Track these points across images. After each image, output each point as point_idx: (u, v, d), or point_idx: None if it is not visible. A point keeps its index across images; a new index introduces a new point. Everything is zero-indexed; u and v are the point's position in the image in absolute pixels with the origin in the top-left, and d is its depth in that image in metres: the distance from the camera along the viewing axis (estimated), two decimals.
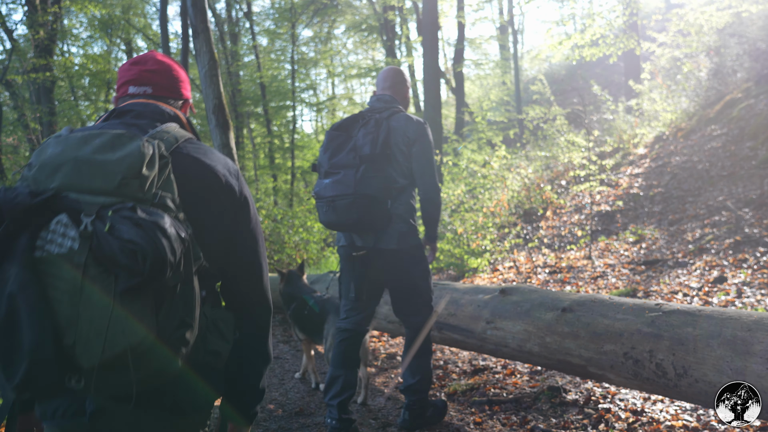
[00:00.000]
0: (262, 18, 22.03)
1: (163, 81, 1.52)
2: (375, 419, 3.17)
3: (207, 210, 1.34)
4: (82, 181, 1.19)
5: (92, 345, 1.10)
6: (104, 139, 1.23)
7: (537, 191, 9.96)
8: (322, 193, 2.82)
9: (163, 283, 1.16)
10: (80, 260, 1.12)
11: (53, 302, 1.11)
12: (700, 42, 11.37)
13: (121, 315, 1.11)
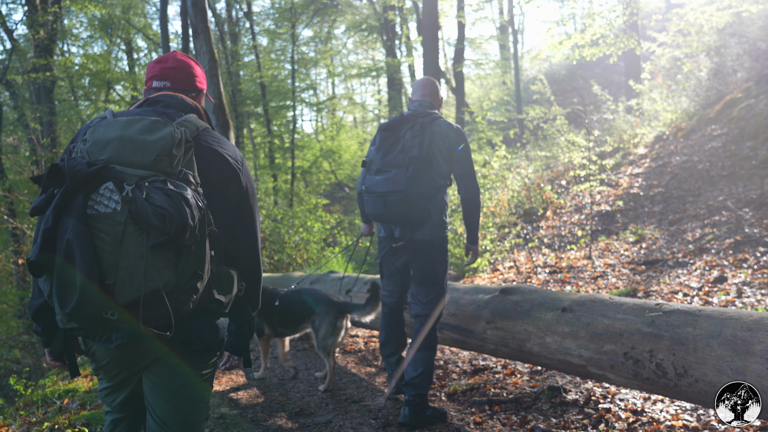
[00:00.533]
0: (262, 18, 22.02)
1: (180, 76, 1.88)
2: (375, 419, 3.17)
3: (218, 187, 1.72)
4: (125, 155, 1.55)
5: (126, 286, 1.45)
6: (144, 123, 1.60)
7: (537, 191, 9.95)
8: (374, 189, 3.14)
9: (183, 242, 1.51)
10: (121, 219, 1.46)
11: (98, 250, 1.45)
12: (701, 42, 11.37)
13: (149, 264, 1.46)
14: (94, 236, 1.46)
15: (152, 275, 1.47)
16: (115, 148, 1.56)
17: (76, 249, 1.44)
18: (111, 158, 1.55)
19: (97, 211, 1.47)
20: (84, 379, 4.01)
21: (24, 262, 9.28)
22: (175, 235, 1.48)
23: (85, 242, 1.44)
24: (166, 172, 1.57)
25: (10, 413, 3.51)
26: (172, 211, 1.47)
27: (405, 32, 21.88)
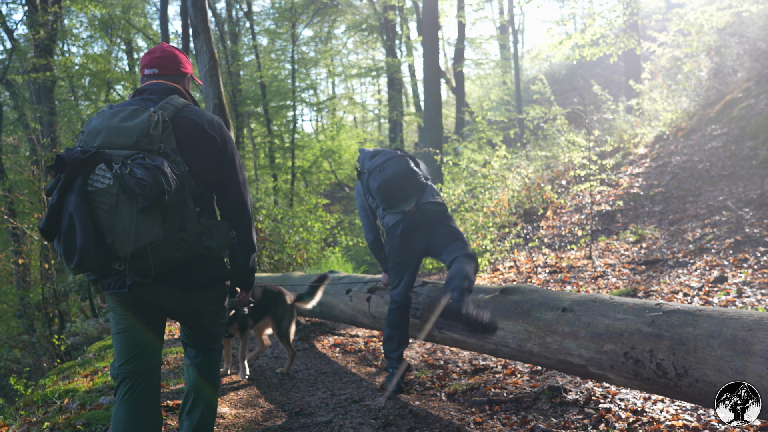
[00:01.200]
0: (262, 18, 22.02)
1: (165, 63, 2.27)
2: (375, 419, 3.17)
3: (197, 152, 2.11)
4: (112, 140, 1.97)
5: (124, 242, 1.88)
6: (126, 112, 2.02)
7: (537, 191, 9.95)
8: None
9: (165, 203, 1.92)
10: (114, 191, 1.88)
11: (99, 218, 1.88)
12: (701, 42, 11.36)
13: (140, 224, 1.88)
14: (96, 207, 1.89)
15: (142, 233, 1.89)
16: (105, 135, 2.00)
17: (75, 219, 1.85)
18: (102, 144, 1.99)
19: (96, 188, 1.89)
20: (84, 379, 4.01)
21: (24, 262, 9.29)
22: (155, 199, 1.88)
23: (83, 213, 1.86)
24: (146, 149, 1.97)
25: (10, 413, 3.51)
26: (150, 181, 1.87)
27: (405, 32, 21.89)
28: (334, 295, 4.94)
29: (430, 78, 12.03)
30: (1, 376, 6.75)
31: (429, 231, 3.65)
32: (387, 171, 3.64)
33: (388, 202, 3.68)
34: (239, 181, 2.25)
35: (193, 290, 2.14)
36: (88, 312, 9.35)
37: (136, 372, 2.15)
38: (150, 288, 2.06)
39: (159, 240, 1.93)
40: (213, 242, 2.13)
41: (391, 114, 21.94)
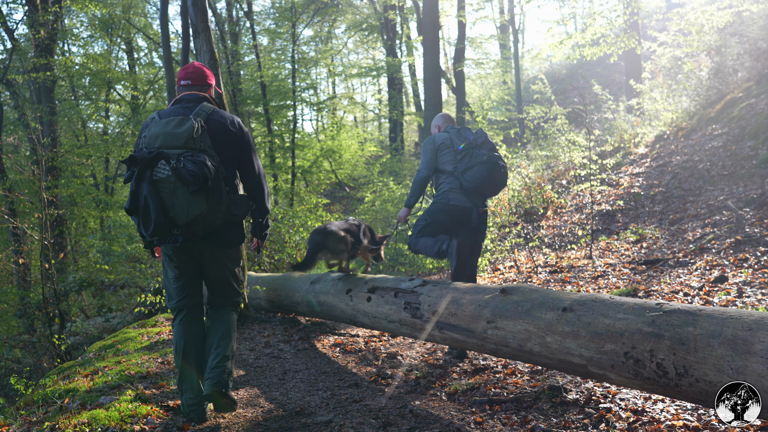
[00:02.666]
0: (262, 17, 22.02)
1: (196, 77, 3.20)
2: (375, 419, 3.17)
3: (225, 146, 3.04)
4: (168, 142, 2.85)
5: (180, 215, 2.78)
6: (175, 122, 2.91)
7: (538, 191, 9.95)
8: None
9: (207, 186, 2.81)
10: (171, 179, 2.76)
11: (162, 199, 2.76)
12: (701, 41, 11.36)
13: (191, 202, 2.78)
14: (160, 191, 2.79)
15: (193, 208, 2.82)
16: (162, 139, 2.89)
17: (150, 200, 2.77)
18: (161, 145, 2.88)
19: (159, 177, 2.79)
20: (84, 378, 4.01)
21: (24, 262, 9.28)
22: (201, 185, 2.81)
23: (154, 196, 2.77)
24: (192, 148, 2.90)
25: (10, 413, 3.51)
26: (197, 172, 2.79)
27: (405, 32, 21.89)
28: (334, 295, 4.94)
29: (431, 77, 12.03)
30: (2, 376, 6.75)
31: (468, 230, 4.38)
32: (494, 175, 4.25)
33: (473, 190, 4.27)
34: (254, 165, 3.23)
35: (222, 246, 3.15)
36: (88, 312, 9.36)
37: (188, 305, 3.19)
38: (194, 243, 3.06)
39: (204, 212, 2.88)
40: (239, 211, 3.12)
41: (391, 114, 21.94)
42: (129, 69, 21.10)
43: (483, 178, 4.19)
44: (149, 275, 8.01)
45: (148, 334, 5.49)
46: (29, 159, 12.35)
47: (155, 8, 20.34)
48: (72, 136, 18.65)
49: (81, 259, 13.16)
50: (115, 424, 2.97)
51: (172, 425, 3.08)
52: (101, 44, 21.39)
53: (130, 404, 3.24)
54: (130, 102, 20.41)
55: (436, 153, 4.47)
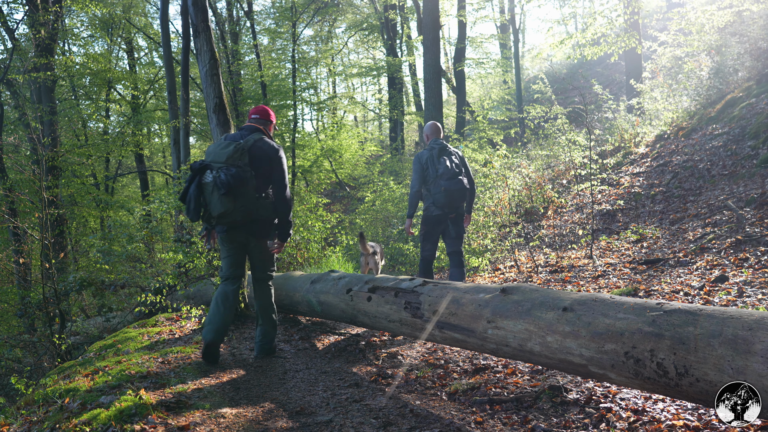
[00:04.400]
0: (262, 17, 22.03)
1: (261, 115, 4.46)
2: (376, 419, 3.17)
3: (261, 165, 4.15)
4: (215, 159, 4.09)
5: (213, 209, 4.03)
6: (223, 145, 4.15)
7: (538, 190, 9.94)
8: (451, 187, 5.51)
9: (234, 191, 3.97)
10: (211, 184, 3.98)
11: (205, 197, 4.05)
12: (702, 41, 11.35)
13: (222, 201, 3.97)
14: (204, 191, 4.01)
15: (221, 206, 3.95)
16: (212, 156, 4.11)
17: (192, 197, 4.00)
18: (211, 160, 4.09)
19: (205, 182, 3.99)
20: (85, 378, 4.01)
21: (25, 262, 9.29)
22: (227, 190, 3.90)
23: (196, 194, 4.00)
24: (231, 164, 4.02)
25: (11, 412, 3.52)
26: (229, 180, 3.91)
27: (406, 31, 21.88)
28: (334, 294, 4.95)
29: (431, 77, 12.03)
30: (2, 376, 6.76)
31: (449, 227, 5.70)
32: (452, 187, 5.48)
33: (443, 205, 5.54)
34: (283, 180, 4.25)
35: (254, 236, 4.30)
36: (88, 311, 9.36)
37: (231, 275, 4.37)
38: (234, 232, 4.26)
39: (230, 210, 4.01)
40: (263, 213, 4.22)
41: (391, 113, 21.94)
42: (129, 69, 21.10)
43: (444, 204, 5.53)
44: (149, 275, 8.01)
45: (149, 334, 5.50)
46: (30, 159, 12.35)
47: (155, 8, 20.35)
48: (72, 135, 18.66)
49: (81, 259, 13.17)
50: (116, 424, 2.97)
51: (173, 425, 3.08)
52: (101, 44, 21.41)
53: (131, 404, 3.25)
54: (130, 102, 20.41)
55: (423, 170, 5.61)
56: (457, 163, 5.59)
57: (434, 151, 5.60)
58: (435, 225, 5.66)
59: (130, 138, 18.78)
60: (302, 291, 5.43)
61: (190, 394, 3.60)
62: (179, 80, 12.99)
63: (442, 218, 5.62)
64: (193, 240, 6.73)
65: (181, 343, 5.07)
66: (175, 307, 6.64)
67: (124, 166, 23.48)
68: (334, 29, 26.84)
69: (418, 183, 5.61)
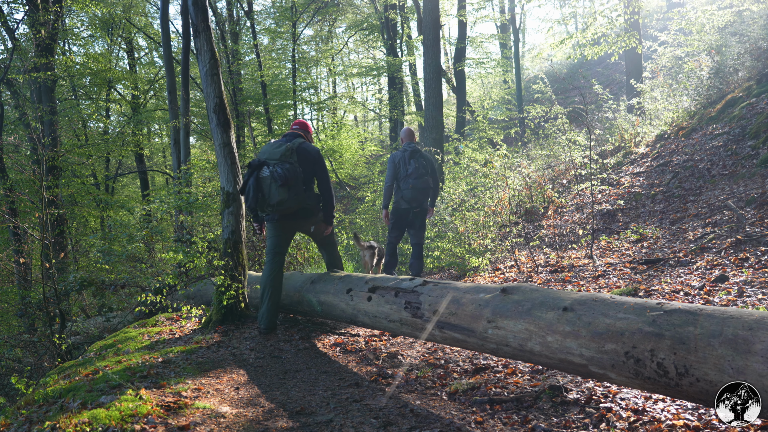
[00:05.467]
0: (263, 17, 22.02)
1: (301, 127, 5.45)
2: (376, 418, 3.17)
3: (306, 162, 5.04)
4: (270, 157, 4.95)
5: (270, 199, 4.87)
6: (276, 145, 5.03)
7: (538, 190, 9.94)
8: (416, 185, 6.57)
9: (288, 183, 4.82)
10: (269, 177, 4.85)
11: (262, 189, 4.88)
12: (702, 41, 11.35)
13: (278, 192, 4.82)
14: (262, 184, 4.85)
15: (278, 196, 4.81)
16: (267, 155, 4.96)
17: (251, 189, 4.85)
18: (266, 158, 4.94)
19: (262, 176, 4.85)
20: (85, 378, 4.01)
21: (25, 261, 9.29)
22: (283, 182, 4.77)
23: (255, 187, 4.85)
24: (283, 161, 4.87)
25: (11, 412, 3.52)
26: (284, 174, 4.79)
27: (406, 31, 21.87)
28: (334, 294, 4.95)
29: (431, 77, 12.03)
30: (3, 375, 6.76)
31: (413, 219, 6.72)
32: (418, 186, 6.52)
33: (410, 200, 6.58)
34: (326, 174, 5.15)
35: (303, 221, 5.19)
36: (88, 311, 9.35)
37: (278, 254, 5.17)
38: (285, 220, 5.10)
39: (285, 199, 4.82)
40: (309, 202, 5.09)
41: (392, 113, 21.93)
42: (129, 68, 21.09)
43: (411, 199, 6.56)
44: (149, 275, 8.01)
45: (149, 334, 5.50)
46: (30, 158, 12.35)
47: (156, 8, 20.33)
48: (72, 135, 18.65)
49: (81, 259, 13.17)
50: (116, 424, 2.98)
51: (173, 425, 3.08)
52: (102, 44, 21.39)
53: (131, 404, 3.25)
54: (130, 101, 20.41)
55: (395, 169, 6.65)
56: (424, 164, 6.56)
57: (406, 153, 6.61)
58: (402, 216, 6.69)
59: (131, 138, 18.78)
60: (302, 291, 5.44)
61: (190, 394, 3.60)
62: (179, 80, 13.00)
63: (409, 211, 6.66)
64: (193, 240, 6.74)
65: (181, 343, 5.08)
66: (175, 307, 6.64)
67: (125, 166, 23.48)
68: (334, 29, 26.84)
69: (391, 179, 6.68)
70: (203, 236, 7.37)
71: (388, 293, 4.25)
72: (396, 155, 6.66)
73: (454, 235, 8.25)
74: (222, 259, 5.52)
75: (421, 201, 6.60)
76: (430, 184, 6.58)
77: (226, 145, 5.69)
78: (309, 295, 5.31)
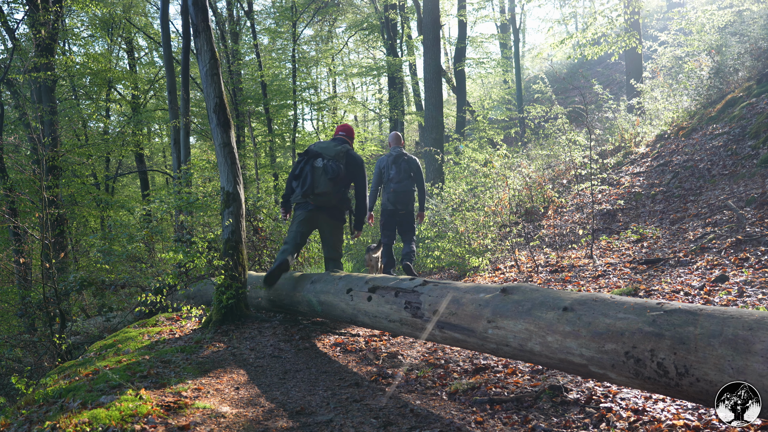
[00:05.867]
0: (263, 17, 22.01)
1: (347, 132, 5.90)
2: (376, 418, 3.17)
3: (350, 167, 5.60)
4: (325, 153, 5.53)
5: (317, 188, 5.43)
6: (333, 144, 5.66)
7: (538, 190, 9.94)
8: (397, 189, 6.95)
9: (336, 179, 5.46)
10: (321, 168, 5.43)
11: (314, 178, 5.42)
12: (702, 40, 11.35)
13: (326, 182, 5.42)
14: (315, 172, 5.41)
15: (325, 187, 5.40)
16: (323, 149, 5.54)
17: (309, 176, 5.40)
18: (320, 152, 5.52)
19: (316, 167, 5.43)
20: (85, 378, 4.01)
21: (25, 261, 9.29)
22: (333, 176, 5.38)
23: (310, 173, 5.41)
24: (336, 159, 5.47)
25: (11, 412, 3.52)
26: (334, 168, 5.40)
27: (406, 31, 21.86)
28: (335, 294, 4.95)
29: (431, 77, 12.03)
30: (3, 375, 6.76)
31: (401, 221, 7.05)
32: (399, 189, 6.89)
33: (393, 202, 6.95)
34: (364, 183, 5.67)
35: (332, 218, 5.61)
36: (88, 311, 9.36)
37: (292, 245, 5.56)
38: (317, 211, 5.52)
39: (328, 191, 5.38)
40: (343, 203, 5.59)
41: (392, 113, 21.93)
42: (129, 68, 21.09)
43: (394, 201, 6.89)
44: (150, 275, 8.01)
45: (149, 334, 5.50)
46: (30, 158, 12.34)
47: (156, 8, 20.33)
48: (72, 135, 18.65)
49: (81, 259, 13.17)
50: (116, 424, 2.98)
51: (173, 425, 3.08)
52: (102, 44, 21.39)
53: (131, 404, 3.25)
54: (130, 101, 20.41)
55: (380, 173, 7.02)
56: (406, 168, 6.90)
57: (391, 158, 6.98)
58: (389, 217, 7.06)
59: (131, 138, 18.78)
60: (303, 291, 5.44)
61: (190, 394, 3.60)
62: (179, 80, 13.00)
63: (394, 213, 7.01)
64: (193, 240, 6.74)
65: (181, 342, 5.08)
66: (175, 307, 6.64)
67: (125, 165, 23.48)
68: (334, 29, 26.83)
69: (375, 183, 7.07)
70: (203, 236, 7.37)
71: (388, 293, 4.25)
72: (382, 159, 6.99)
73: (455, 235, 8.25)
74: (222, 259, 5.52)
75: (404, 203, 6.90)
76: (412, 187, 6.86)
77: (227, 145, 5.69)
78: (309, 295, 5.31)
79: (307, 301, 5.34)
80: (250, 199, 8.87)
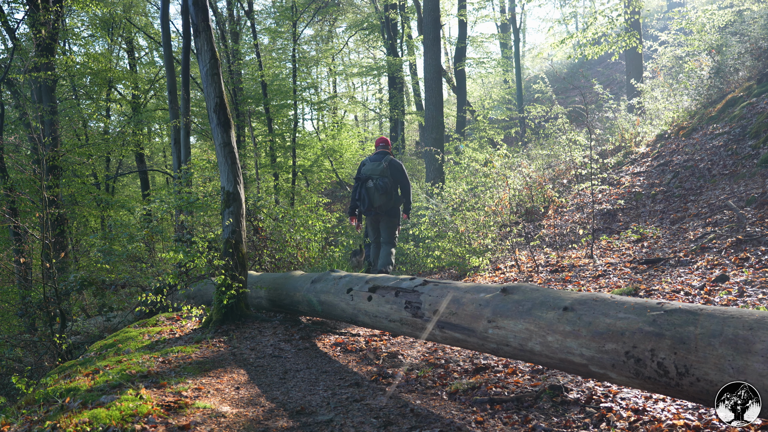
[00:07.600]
0: (263, 16, 22.01)
1: (384, 145, 7.26)
2: (376, 418, 3.17)
3: (393, 173, 7.02)
4: (372, 173, 6.96)
5: (374, 203, 6.94)
6: (376, 164, 7.01)
7: (539, 190, 9.94)
8: None
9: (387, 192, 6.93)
10: (373, 188, 6.92)
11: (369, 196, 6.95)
12: (702, 40, 11.34)
13: (381, 198, 6.91)
14: (369, 192, 6.92)
15: (381, 201, 6.90)
16: (370, 171, 6.96)
17: (366, 196, 6.94)
18: (369, 174, 6.97)
19: (369, 187, 6.92)
20: (85, 378, 4.01)
21: (25, 261, 9.29)
22: (383, 192, 6.86)
23: (365, 194, 6.95)
24: (382, 176, 6.90)
25: (12, 412, 3.52)
26: (384, 185, 6.85)
27: (406, 31, 21.85)
28: (335, 294, 4.95)
29: (432, 77, 12.02)
30: (3, 375, 6.76)
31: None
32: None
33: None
34: (406, 182, 7.01)
35: (390, 216, 7.02)
36: (89, 311, 9.36)
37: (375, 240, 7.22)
38: (377, 215, 7.03)
39: (384, 202, 6.88)
40: (397, 202, 7.01)
41: (392, 113, 21.93)
42: (130, 68, 21.08)
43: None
44: (150, 274, 8.02)
45: (149, 333, 5.50)
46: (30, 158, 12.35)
47: (156, 7, 20.32)
48: (73, 135, 18.65)
49: (82, 259, 13.17)
50: (116, 424, 2.98)
51: (173, 425, 3.08)
52: (102, 43, 21.39)
53: (131, 403, 3.25)
54: (131, 101, 20.40)
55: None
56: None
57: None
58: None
59: (131, 137, 18.78)
60: (303, 290, 5.44)
61: (191, 393, 3.61)
62: (180, 80, 13.00)
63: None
64: (193, 240, 6.74)
65: (181, 342, 5.08)
66: (175, 307, 6.64)
67: (125, 165, 23.48)
68: (334, 29, 26.84)
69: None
70: (203, 236, 7.37)
71: (389, 293, 4.25)
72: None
73: (455, 234, 8.24)
74: (222, 259, 5.52)
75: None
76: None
77: (227, 145, 5.69)
78: (309, 295, 5.31)
79: (308, 300, 5.34)
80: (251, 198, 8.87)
